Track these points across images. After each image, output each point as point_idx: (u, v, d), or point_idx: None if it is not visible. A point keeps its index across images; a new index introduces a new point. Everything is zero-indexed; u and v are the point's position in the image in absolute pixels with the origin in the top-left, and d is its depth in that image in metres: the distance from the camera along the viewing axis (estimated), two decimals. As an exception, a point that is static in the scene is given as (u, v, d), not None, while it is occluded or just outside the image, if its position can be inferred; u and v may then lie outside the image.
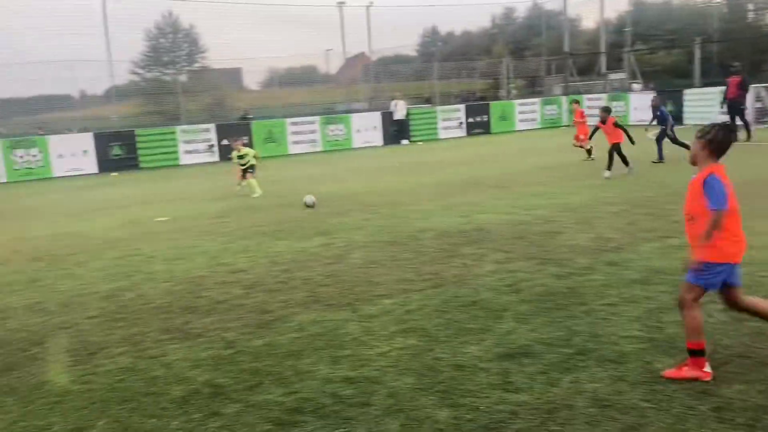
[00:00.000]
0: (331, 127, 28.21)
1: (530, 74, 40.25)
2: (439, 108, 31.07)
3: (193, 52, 45.33)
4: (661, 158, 15.56)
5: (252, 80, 48.25)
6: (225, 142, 25.11)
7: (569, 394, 3.96)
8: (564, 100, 32.03)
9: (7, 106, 32.78)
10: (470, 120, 30.77)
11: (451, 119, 30.51)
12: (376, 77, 37.55)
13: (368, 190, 13.93)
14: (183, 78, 41.60)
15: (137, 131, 25.49)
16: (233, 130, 26.74)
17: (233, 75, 48.47)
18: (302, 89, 45.22)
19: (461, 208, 10.78)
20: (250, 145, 26.46)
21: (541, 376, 4.23)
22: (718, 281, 4.02)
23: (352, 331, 5.32)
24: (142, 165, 24.67)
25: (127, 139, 24.82)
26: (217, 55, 54.46)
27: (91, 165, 24.05)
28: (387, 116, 29.13)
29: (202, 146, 25.92)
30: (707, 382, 3.95)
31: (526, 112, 31.76)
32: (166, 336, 5.56)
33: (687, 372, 4.01)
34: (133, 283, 7.48)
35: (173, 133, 25.65)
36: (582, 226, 8.86)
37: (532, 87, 40.43)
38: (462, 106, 31.49)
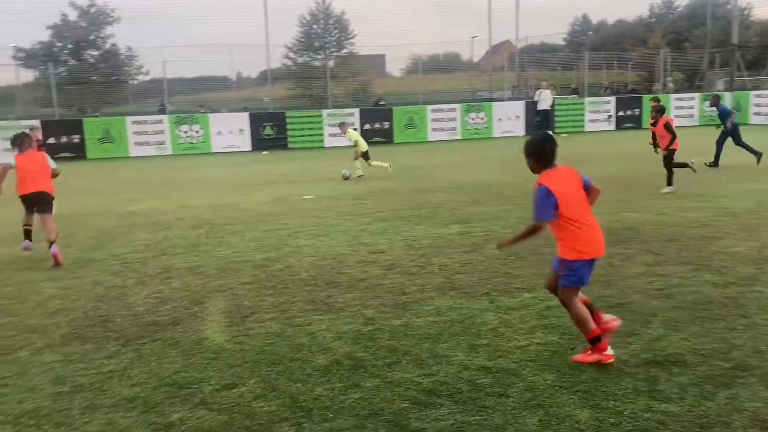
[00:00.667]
0: (472, 115, 27.99)
1: (690, 67, 37.41)
2: (587, 99, 29.76)
3: (341, 39, 46.76)
4: (715, 162, 14.68)
5: (395, 67, 48.88)
6: (365, 126, 25.75)
7: (725, 411, 3.68)
8: (729, 96, 29.40)
9: (174, 86, 35.60)
10: (620, 113, 29.21)
11: (599, 112, 29.13)
12: (520, 65, 36.65)
13: (507, 181, 13.70)
14: (331, 63, 43.05)
15: (288, 113, 26.84)
16: (376, 116, 27.36)
17: (377, 61, 49.46)
18: (444, 76, 45.21)
19: (610, 205, 10.28)
20: (391, 131, 26.95)
21: (694, 388, 3.96)
22: (584, 275, 4.39)
23: (489, 321, 5.29)
24: (290, 145, 26.00)
25: (279, 120, 26.22)
26: (363, 42, 55.76)
27: (245, 143, 25.73)
28: (530, 106, 28.38)
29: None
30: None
31: (683, 107, 29.58)
32: (311, 307, 5.85)
33: (591, 357, 4.38)
34: (281, 255, 7.93)
35: (320, 116, 26.71)
36: (745, 233, 8.13)
37: (691, 81, 37.55)
38: (612, 99, 29.96)
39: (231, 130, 25.77)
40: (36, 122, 23.86)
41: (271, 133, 26.02)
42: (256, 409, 3.92)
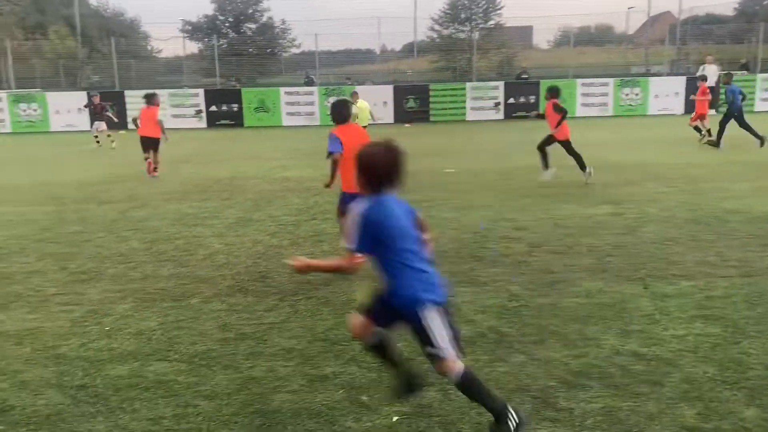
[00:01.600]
0: (626, 90, 26.43)
1: None
2: (759, 76, 26.98)
3: (488, 10, 45.74)
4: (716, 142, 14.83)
5: (542, 39, 47.14)
6: (509, 100, 25.17)
7: None
8: None
9: (321, 59, 36.84)
10: (801, 91, 26.21)
11: (773, 89, 26.35)
12: (681, 38, 33.87)
13: (662, 162, 12.85)
14: (476, 35, 42.36)
15: (431, 86, 26.88)
16: (521, 89, 26.65)
17: (524, 33, 47.94)
18: (595, 49, 42.91)
19: None
20: (536, 105, 26.09)
21: None
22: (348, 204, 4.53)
23: (643, 308, 5.04)
24: (432, 118, 26.09)
25: (421, 93, 26.36)
26: (510, 13, 54.29)
27: (388, 115, 26.16)
28: (692, 82, 26.22)
29: (489, 104, 26.36)
30: None
31: None
32: (455, 279, 5.89)
33: None
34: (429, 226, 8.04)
35: (463, 89, 26.49)
36: None
37: None
38: (790, 75, 26.95)
39: (375, 103, 26.27)
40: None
41: (413, 106, 26.24)
42: (403, 372, 4.05)
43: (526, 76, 29.06)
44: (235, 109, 26.15)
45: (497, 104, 26.25)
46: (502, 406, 3.17)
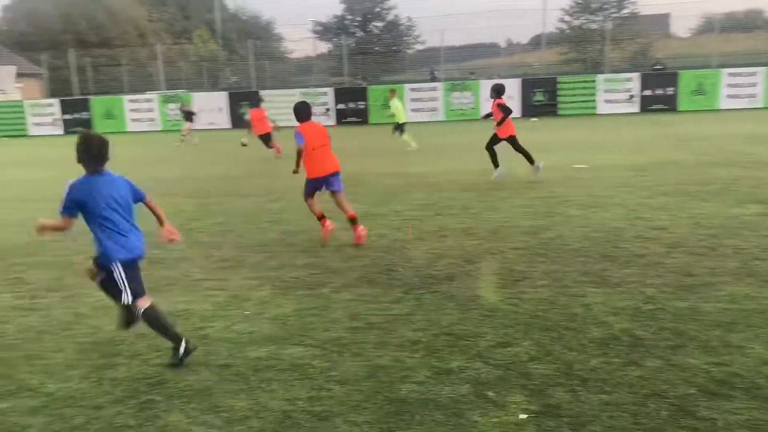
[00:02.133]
0: (779, 80, 24.13)
1: None
2: None
3: (623, -2, 43.58)
4: None
5: (682, 26, 44.15)
6: (644, 92, 23.82)
7: None
8: None
9: (446, 54, 36.78)
10: None
11: None
12: None
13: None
14: (609, 25, 40.44)
15: (559, 78, 26.06)
16: (658, 81, 25.17)
17: (661, 21, 45.12)
18: (742, 36, 39.52)
19: None
20: (674, 97, 24.51)
21: None
22: (312, 188, 7.38)
23: (797, 316, 4.63)
24: (560, 112, 25.30)
25: (549, 86, 25.63)
26: (646, 1, 51.26)
27: (515, 109, 25.65)
28: None
29: (622, 96, 25.12)
30: None
31: None
32: (585, 278, 5.73)
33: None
34: (552, 224, 7.86)
35: (593, 81, 25.44)
36: None
37: None
38: None
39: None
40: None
41: (541, 99, 25.58)
42: (530, 370, 4.02)
43: (661, 67, 27.37)
44: (362, 106, 26.82)
45: (632, 97, 24.94)
46: (178, 338, 4.27)
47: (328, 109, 27.04)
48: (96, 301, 5.64)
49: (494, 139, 11.34)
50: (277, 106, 27.56)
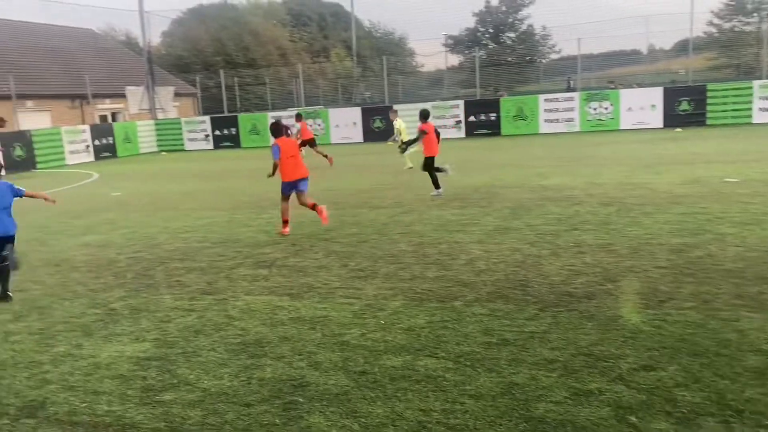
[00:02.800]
0: None
1: None
2: None
3: (784, -5, 39.84)
4: None
5: None
6: None
7: None
8: None
9: (582, 63, 35.55)
10: None
11: None
12: None
13: None
14: (765, 27, 37.12)
15: (708, 86, 24.30)
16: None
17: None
18: None
19: None
20: None
21: None
22: (287, 190, 9.21)
23: None
24: (709, 122, 23.57)
25: (697, 94, 23.96)
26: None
27: (656, 119, 24.30)
28: None
29: (782, 103, 22.93)
30: None
31: None
32: (739, 302, 5.32)
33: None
34: (701, 242, 7.36)
35: (749, 88, 23.44)
36: None
37: None
38: None
39: (642, 106, 24.60)
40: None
41: (687, 108, 23.96)
42: (677, 396, 3.80)
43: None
44: (493, 118, 26.59)
45: (793, 104, 22.69)
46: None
47: (458, 122, 27.08)
48: (244, 305, 6.07)
49: (426, 162, 12.07)
50: (408, 119, 28.07)
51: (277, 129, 9.52)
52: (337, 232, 9.25)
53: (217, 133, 31.01)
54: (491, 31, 54.73)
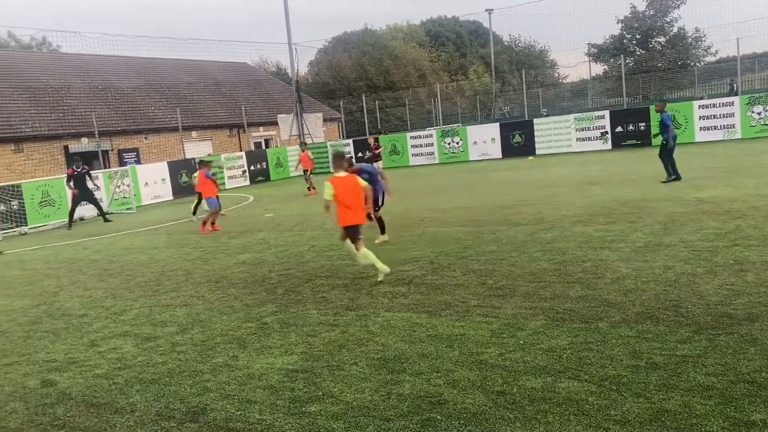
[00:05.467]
0: None
1: None
2: None
3: None
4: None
5: None
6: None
7: None
8: None
9: (744, 64, 32.68)
10: None
11: None
12: None
13: None
14: None
15: None
16: None
17: None
18: None
19: None
20: None
21: None
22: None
23: None
24: None
25: None
26: None
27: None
28: None
29: None
30: None
31: None
32: None
33: None
34: None
35: None
36: None
37: None
38: None
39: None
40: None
41: None
42: None
43: None
44: (642, 128, 25.16)
45: None
46: None
47: (604, 133, 25.91)
48: (384, 321, 6.24)
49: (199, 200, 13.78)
50: (547, 133, 27.33)
51: (202, 164, 11.52)
52: (475, 249, 9.21)
53: (360, 155, 32.16)
54: (638, 36, 51.95)
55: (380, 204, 10.83)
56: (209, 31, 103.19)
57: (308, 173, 22.00)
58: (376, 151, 22.50)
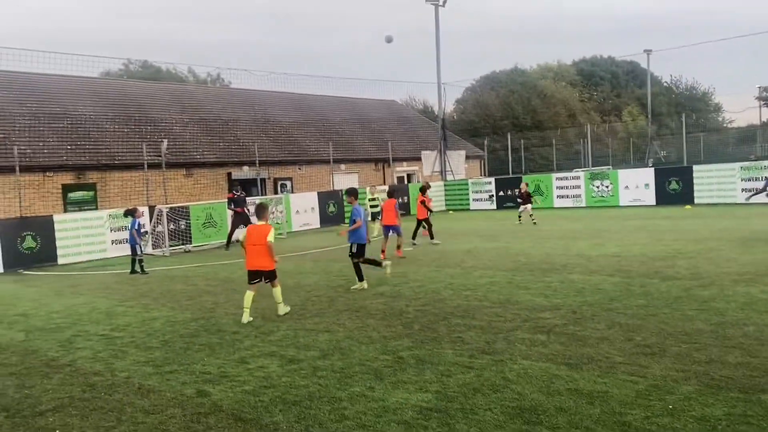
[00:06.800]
0: None
1: None
2: None
3: None
4: None
5: None
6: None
7: None
8: None
9: None
10: None
11: None
12: None
13: None
14: None
15: None
16: None
17: None
18: None
19: None
20: None
21: None
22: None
23: None
24: None
25: None
26: None
27: None
28: None
29: None
30: None
31: None
32: None
33: None
34: None
35: None
36: None
37: None
38: None
39: None
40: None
41: None
42: None
43: None
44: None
45: None
46: None
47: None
48: (521, 369, 6.12)
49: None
50: (708, 181, 25.41)
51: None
52: (623, 302, 8.76)
53: (501, 193, 31.85)
54: (821, 79, 47.06)
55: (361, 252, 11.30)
56: (364, 71, 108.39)
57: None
58: (525, 195, 22.73)
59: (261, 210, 9.70)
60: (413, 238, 17.56)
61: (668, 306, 8.36)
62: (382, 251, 15.09)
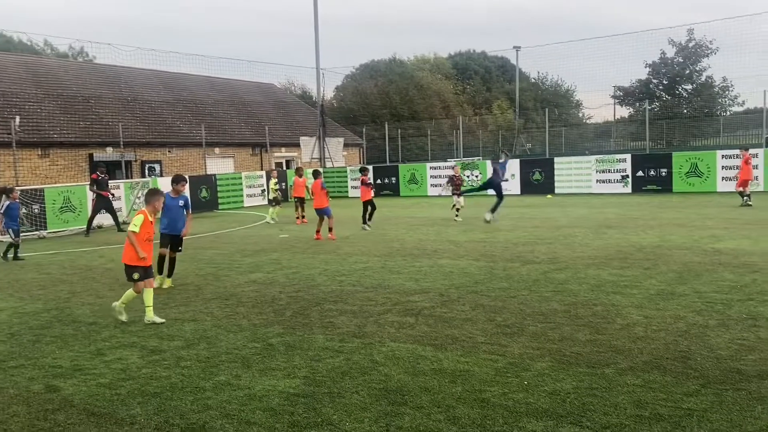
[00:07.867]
0: None
1: None
2: None
3: None
4: None
5: None
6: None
7: None
8: None
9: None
10: None
11: None
12: None
13: None
14: None
15: None
16: None
17: None
18: None
19: None
20: None
21: None
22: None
23: None
24: None
25: None
26: None
27: None
28: None
29: None
30: None
31: None
32: None
33: None
34: None
35: None
36: None
37: None
38: None
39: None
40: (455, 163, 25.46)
41: None
42: None
43: None
44: (664, 173, 25.05)
45: None
46: None
47: (624, 176, 25.81)
48: (389, 351, 6.22)
49: None
50: (567, 172, 27.28)
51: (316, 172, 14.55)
52: (487, 285, 9.18)
53: (378, 181, 32.31)
54: (665, 82, 51.98)
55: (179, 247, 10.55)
56: (240, 53, 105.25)
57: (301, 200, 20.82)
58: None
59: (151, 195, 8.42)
60: (364, 222, 17.68)
61: (527, 288, 8.87)
62: (317, 232, 15.53)
